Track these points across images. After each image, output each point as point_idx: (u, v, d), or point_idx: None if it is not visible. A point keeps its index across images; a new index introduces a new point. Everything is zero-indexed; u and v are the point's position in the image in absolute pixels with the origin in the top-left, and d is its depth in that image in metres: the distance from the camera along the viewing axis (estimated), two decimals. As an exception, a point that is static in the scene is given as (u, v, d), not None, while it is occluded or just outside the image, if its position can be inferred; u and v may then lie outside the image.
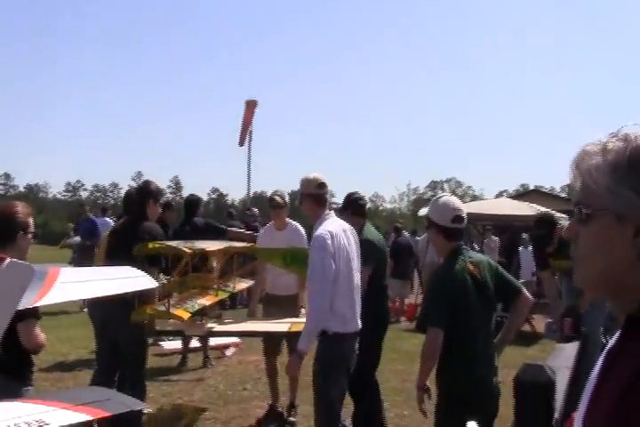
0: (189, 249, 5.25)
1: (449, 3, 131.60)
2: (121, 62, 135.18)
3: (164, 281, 6.02)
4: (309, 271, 4.62)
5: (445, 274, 4.07)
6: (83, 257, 13.12)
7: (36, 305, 2.51)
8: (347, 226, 4.88)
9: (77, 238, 13.57)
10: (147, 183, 6.16)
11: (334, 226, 4.72)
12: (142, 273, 3.12)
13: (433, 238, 4.31)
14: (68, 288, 2.56)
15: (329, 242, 4.55)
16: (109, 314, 5.61)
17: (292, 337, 5.46)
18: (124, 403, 2.44)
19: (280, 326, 5.84)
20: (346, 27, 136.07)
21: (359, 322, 4.79)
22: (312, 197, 4.84)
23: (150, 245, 5.15)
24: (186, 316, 5.12)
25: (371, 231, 5.97)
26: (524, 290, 4.16)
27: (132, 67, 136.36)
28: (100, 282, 2.92)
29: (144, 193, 5.97)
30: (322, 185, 4.84)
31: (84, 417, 2.18)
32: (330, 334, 4.62)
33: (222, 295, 6.32)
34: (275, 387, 6.72)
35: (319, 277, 4.53)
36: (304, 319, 5.12)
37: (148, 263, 5.22)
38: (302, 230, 6.68)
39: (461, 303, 3.91)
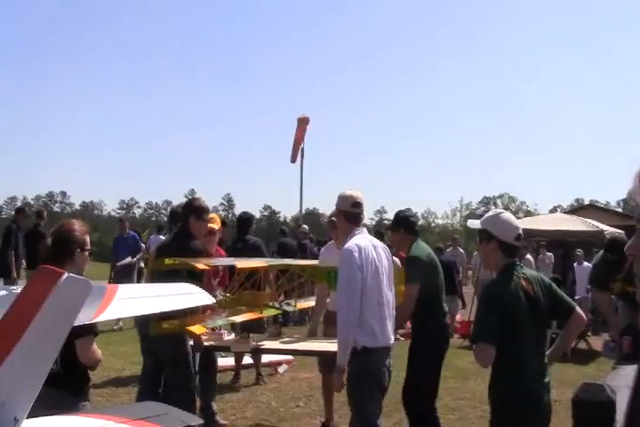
0: (207, 265, 5.31)
1: (509, 31, 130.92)
2: (174, 80, 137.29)
3: (221, 297, 6.12)
4: (338, 285, 4.71)
5: (497, 289, 4.07)
6: (121, 275, 13.08)
7: (94, 321, 2.55)
8: (378, 242, 4.93)
9: (129, 258, 13.51)
10: (190, 200, 6.30)
11: (364, 241, 4.78)
12: (199, 289, 3.15)
13: (490, 253, 4.23)
14: (126, 304, 2.59)
15: (355, 255, 4.62)
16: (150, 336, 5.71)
17: None
18: (179, 418, 2.45)
19: (330, 345, 5.80)
20: (395, 42, 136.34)
21: (391, 337, 4.81)
22: (346, 215, 4.93)
23: (167, 261, 5.26)
24: (199, 331, 5.19)
25: (419, 247, 5.85)
26: (578, 308, 4.16)
27: (184, 85, 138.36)
28: (158, 298, 2.94)
29: (186, 209, 6.07)
30: (357, 204, 4.90)
31: None
32: (358, 349, 4.65)
33: (268, 313, 6.36)
34: (329, 405, 6.70)
35: (346, 289, 4.62)
36: None
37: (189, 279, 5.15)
38: None
39: (512, 318, 3.91)
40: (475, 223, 4.32)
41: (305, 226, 16.33)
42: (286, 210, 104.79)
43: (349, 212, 4.90)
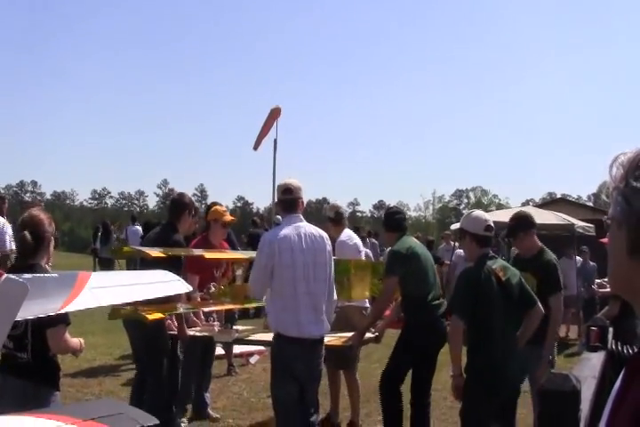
0: (164, 253, 5.26)
1: (473, 18, 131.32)
2: (147, 69, 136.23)
3: (213, 289, 6.37)
4: None
5: (472, 274, 4.76)
6: None
7: (62, 311, 2.52)
8: (311, 231, 4.87)
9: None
10: (182, 195, 6.41)
11: (288, 230, 4.80)
12: (176, 277, 3.13)
13: (467, 246, 4.94)
14: (98, 293, 2.54)
15: (265, 245, 4.79)
16: (124, 321, 5.87)
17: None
18: (134, 419, 2.35)
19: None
20: (370, 33, 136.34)
21: (311, 329, 4.78)
22: (280, 203, 4.98)
23: (125, 249, 5.39)
24: (152, 317, 5.12)
25: (401, 242, 5.88)
26: (539, 304, 4.83)
27: (158, 74, 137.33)
28: (133, 287, 2.89)
29: (181, 205, 6.18)
30: (287, 191, 4.92)
31: None
32: (275, 334, 4.90)
33: (250, 304, 6.69)
34: (335, 397, 6.76)
35: (251, 277, 4.98)
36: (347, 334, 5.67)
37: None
38: (348, 242, 6.68)
39: (484, 299, 4.59)
40: (456, 225, 4.88)
41: (279, 216, 16.36)
42: (259, 201, 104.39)
43: (282, 199, 4.94)
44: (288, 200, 4.90)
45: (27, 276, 2.39)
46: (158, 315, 5.20)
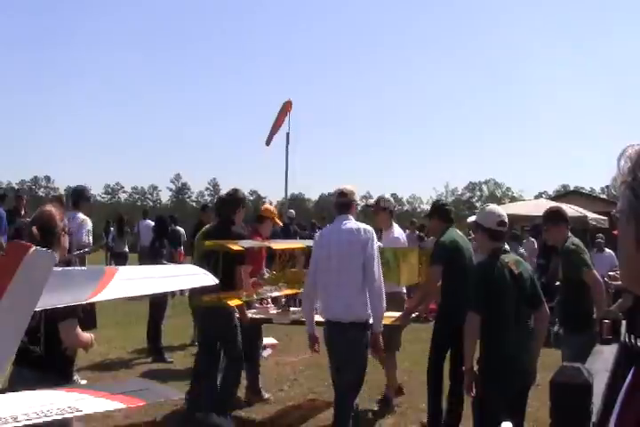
0: (242, 247, 5.97)
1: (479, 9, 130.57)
2: (161, 63, 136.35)
3: (267, 274, 7.38)
4: None
5: (486, 267, 4.87)
6: None
7: (92, 300, 2.57)
8: (352, 226, 5.38)
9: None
10: (236, 191, 6.91)
11: (334, 226, 5.53)
12: (202, 270, 3.17)
13: (480, 239, 5.09)
14: (125, 285, 2.63)
15: (315, 239, 5.63)
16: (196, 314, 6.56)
17: None
18: (160, 393, 2.47)
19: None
20: (381, 30, 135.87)
21: (334, 314, 5.30)
22: (334, 204, 5.63)
23: (208, 243, 6.00)
24: (234, 303, 5.97)
25: (447, 233, 6.40)
26: (545, 304, 4.94)
27: (171, 68, 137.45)
28: (159, 279, 2.98)
29: (236, 200, 6.77)
30: (341, 194, 5.60)
31: (117, 405, 2.23)
32: None
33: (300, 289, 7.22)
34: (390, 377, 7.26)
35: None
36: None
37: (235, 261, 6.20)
38: (398, 235, 7.49)
39: (497, 292, 4.68)
40: (471, 218, 5.47)
41: (292, 211, 16.57)
42: (272, 195, 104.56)
43: (335, 201, 5.62)
44: (341, 202, 5.56)
45: (56, 268, 2.44)
46: (237, 301, 5.96)
